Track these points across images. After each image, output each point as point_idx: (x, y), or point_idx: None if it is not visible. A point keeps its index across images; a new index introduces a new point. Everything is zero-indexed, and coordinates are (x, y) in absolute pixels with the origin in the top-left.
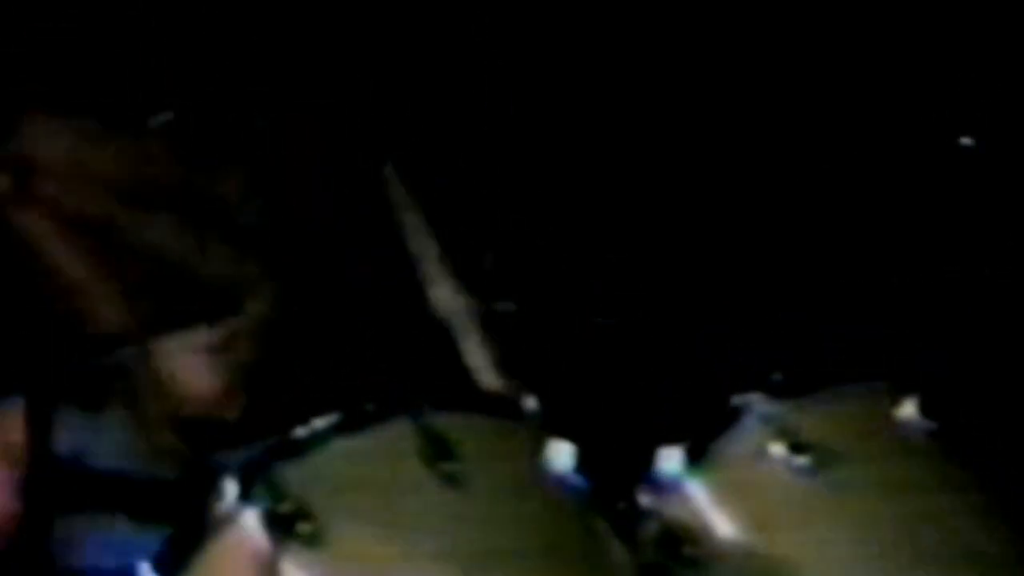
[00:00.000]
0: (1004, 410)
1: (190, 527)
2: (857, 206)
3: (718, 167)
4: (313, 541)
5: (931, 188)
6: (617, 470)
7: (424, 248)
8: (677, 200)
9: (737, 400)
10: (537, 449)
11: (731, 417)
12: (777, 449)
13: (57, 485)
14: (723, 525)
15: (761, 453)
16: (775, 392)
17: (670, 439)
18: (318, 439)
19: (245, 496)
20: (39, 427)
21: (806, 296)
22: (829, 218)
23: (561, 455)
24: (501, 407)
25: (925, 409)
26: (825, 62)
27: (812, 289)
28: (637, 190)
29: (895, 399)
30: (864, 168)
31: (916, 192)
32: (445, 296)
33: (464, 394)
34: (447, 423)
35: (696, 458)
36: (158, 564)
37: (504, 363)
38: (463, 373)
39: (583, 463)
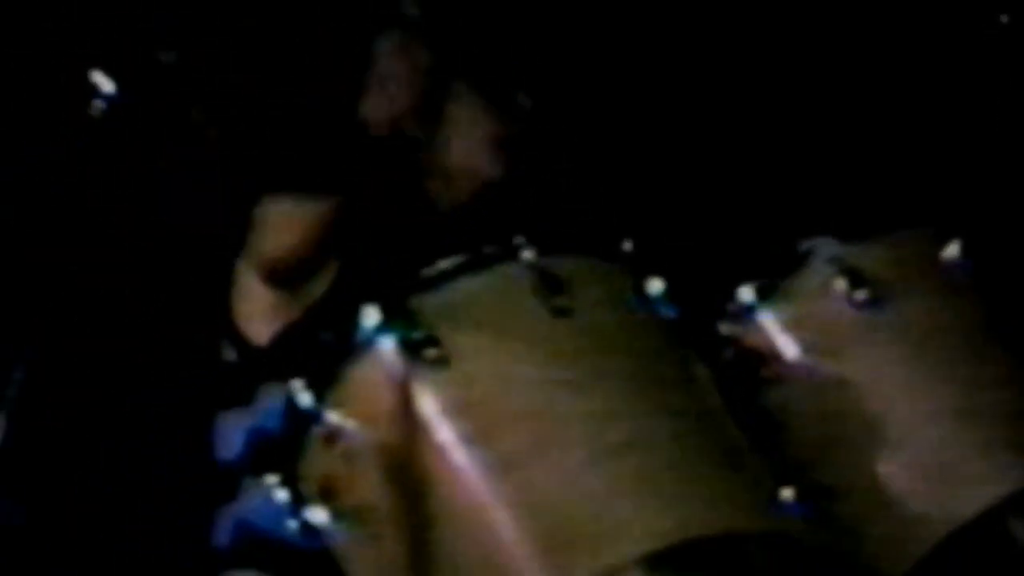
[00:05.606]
0: None
1: (337, 350)
2: (909, 59)
3: (776, 29)
4: (439, 365)
5: (979, 47)
6: (702, 303)
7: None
8: (748, 56)
9: (806, 243)
10: (634, 284)
11: (800, 258)
12: (840, 284)
13: None
14: (792, 350)
15: (826, 288)
16: (839, 236)
17: (748, 277)
18: (446, 276)
19: (383, 325)
20: None
21: (868, 151)
22: (884, 75)
23: (654, 289)
24: (603, 248)
25: (967, 251)
26: None
27: (874, 145)
28: (713, 45)
29: (942, 242)
30: (916, 24)
31: (966, 48)
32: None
33: (571, 238)
34: (557, 263)
35: (769, 293)
36: (311, 381)
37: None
38: (569, 221)
39: (673, 297)
